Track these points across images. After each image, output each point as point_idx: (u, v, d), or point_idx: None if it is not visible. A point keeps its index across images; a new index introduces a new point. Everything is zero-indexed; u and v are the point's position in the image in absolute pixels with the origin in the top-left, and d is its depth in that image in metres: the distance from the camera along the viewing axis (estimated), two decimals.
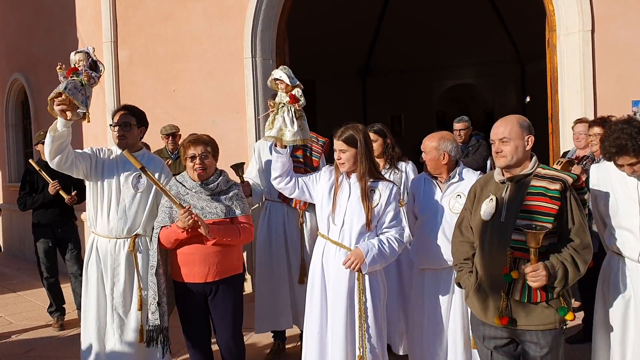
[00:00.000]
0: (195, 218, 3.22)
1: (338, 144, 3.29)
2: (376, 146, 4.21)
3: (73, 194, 5.44)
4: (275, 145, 3.60)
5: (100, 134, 7.06)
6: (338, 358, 3.18)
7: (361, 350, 3.17)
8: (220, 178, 3.48)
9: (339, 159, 3.30)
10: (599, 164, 3.28)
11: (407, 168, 4.41)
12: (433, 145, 3.49)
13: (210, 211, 3.38)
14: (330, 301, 3.26)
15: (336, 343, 3.20)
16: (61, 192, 5.40)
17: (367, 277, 3.21)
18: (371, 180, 3.28)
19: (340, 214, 3.27)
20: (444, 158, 3.47)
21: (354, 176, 3.31)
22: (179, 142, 5.91)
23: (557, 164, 4.25)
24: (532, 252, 2.54)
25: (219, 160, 3.57)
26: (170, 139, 6.10)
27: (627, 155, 2.85)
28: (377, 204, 3.25)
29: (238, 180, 4.26)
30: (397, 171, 4.31)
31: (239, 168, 4.27)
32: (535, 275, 2.56)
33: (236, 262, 3.53)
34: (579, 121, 5.24)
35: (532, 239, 2.51)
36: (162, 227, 3.41)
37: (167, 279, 3.50)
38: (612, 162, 2.96)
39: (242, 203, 3.52)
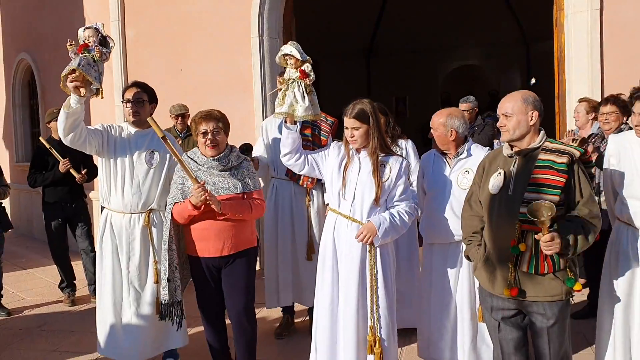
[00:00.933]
0: (208, 195, 3.25)
1: (350, 122, 3.28)
2: None
3: (83, 172, 5.50)
4: (286, 122, 3.62)
5: (108, 113, 7.09)
6: (350, 329, 3.24)
7: (372, 320, 3.23)
8: (232, 153, 3.50)
9: (351, 137, 3.29)
10: (617, 134, 3.32)
11: (407, 146, 4.48)
12: (441, 121, 3.53)
13: (222, 186, 3.40)
14: (342, 274, 3.31)
15: (348, 314, 3.25)
16: (72, 171, 5.44)
17: (378, 249, 3.26)
18: (382, 154, 3.31)
19: (351, 189, 3.30)
20: (451, 134, 3.51)
21: (364, 151, 3.33)
22: (188, 121, 5.97)
23: (573, 142, 4.28)
24: (545, 229, 2.55)
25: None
26: (180, 119, 6.14)
27: None
28: (388, 178, 3.28)
29: None
30: (397, 149, 4.36)
31: (246, 151, 4.34)
32: (550, 244, 2.56)
33: (250, 236, 3.55)
34: (581, 101, 5.28)
35: (543, 225, 2.52)
36: (174, 203, 3.44)
37: (181, 254, 3.54)
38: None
39: (254, 178, 3.55)
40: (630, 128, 3.48)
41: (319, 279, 3.43)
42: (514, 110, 2.79)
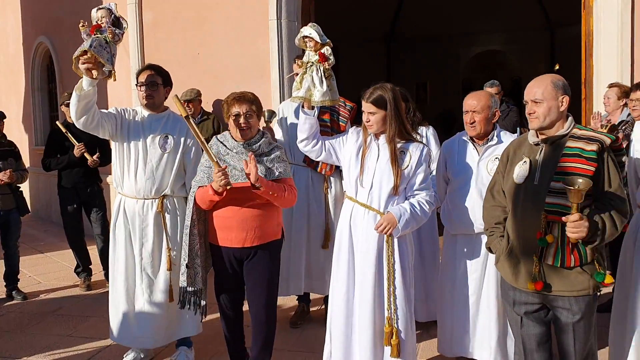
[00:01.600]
0: (234, 183, 3.08)
1: (367, 106, 3.17)
2: None
3: (95, 156, 5.45)
4: (303, 107, 3.51)
5: (125, 97, 7.04)
6: (365, 319, 3.16)
7: (389, 311, 3.14)
8: (263, 139, 3.33)
9: (367, 122, 3.19)
10: None
11: (428, 133, 4.32)
12: (486, 104, 3.34)
13: None
14: (358, 263, 3.22)
15: (364, 304, 3.17)
16: (86, 155, 5.40)
17: (395, 239, 3.16)
18: (402, 141, 3.19)
19: (369, 176, 3.19)
20: (495, 116, 3.38)
21: (382, 137, 3.22)
22: (198, 106, 5.89)
23: (602, 129, 4.15)
24: (574, 208, 2.44)
25: None
26: (188, 104, 6.06)
27: None
28: (407, 165, 3.17)
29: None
30: (417, 136, 4.23)
31: (271, 115, 4.25)
32: (577, 225, 2.44)
33: (275, 228, 3.38)
34: (611, 86, 5.13)
35: (575, 196, 2.41)
36: (199, 186, 3.29)
37: (205, 240, 3.41)
38: None
39: (284, 166, 3.36)
40: None
41: (335, 268, 3.34)
42: (544, 95, 2.64)
